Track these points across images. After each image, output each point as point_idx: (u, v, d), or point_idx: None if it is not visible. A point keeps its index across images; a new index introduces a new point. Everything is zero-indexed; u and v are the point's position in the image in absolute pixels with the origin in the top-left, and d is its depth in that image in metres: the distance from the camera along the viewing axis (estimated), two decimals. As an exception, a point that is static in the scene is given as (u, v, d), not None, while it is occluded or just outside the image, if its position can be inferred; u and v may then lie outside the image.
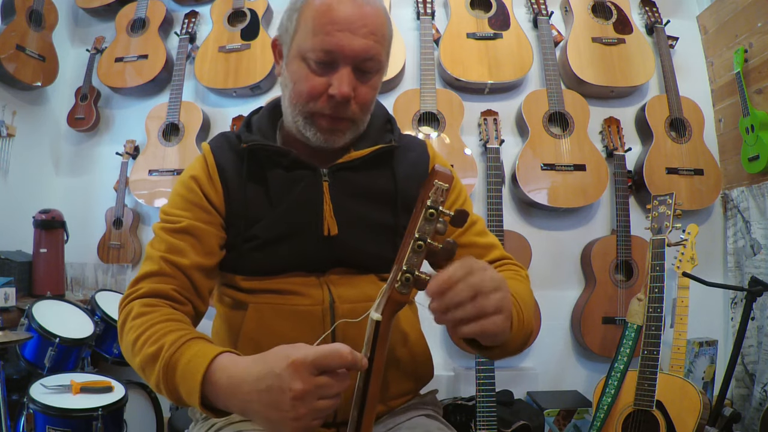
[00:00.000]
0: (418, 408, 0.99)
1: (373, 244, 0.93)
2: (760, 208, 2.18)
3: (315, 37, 0.84)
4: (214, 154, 0.95)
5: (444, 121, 2.32)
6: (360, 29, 0.83)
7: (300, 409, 0.62)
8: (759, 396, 2.05)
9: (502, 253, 1.00)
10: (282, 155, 0.93)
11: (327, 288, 0.91)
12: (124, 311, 0.84)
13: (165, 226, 0.91)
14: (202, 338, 0.76)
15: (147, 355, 0.75)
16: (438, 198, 0.61)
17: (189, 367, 0.70)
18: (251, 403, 0.65)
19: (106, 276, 2.52)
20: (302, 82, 0.87)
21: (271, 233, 0.91)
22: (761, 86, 2.16)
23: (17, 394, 1.71)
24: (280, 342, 0.86)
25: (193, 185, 0.93)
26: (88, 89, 2.67)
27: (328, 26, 0.83)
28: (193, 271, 0.88)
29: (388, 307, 0.64)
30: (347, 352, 0.62)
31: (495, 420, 1.90)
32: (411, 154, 1.01)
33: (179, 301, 0.86)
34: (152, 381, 0.75)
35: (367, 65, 0.86)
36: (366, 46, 0.84)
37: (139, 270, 0.89)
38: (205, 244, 0.90)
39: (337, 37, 0.83)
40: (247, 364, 0.68)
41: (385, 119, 1.02)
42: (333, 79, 0.85)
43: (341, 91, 0.84)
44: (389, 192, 0.96)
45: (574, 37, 2.41)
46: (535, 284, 2.31)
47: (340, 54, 0.84)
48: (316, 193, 0.92)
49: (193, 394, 0.69)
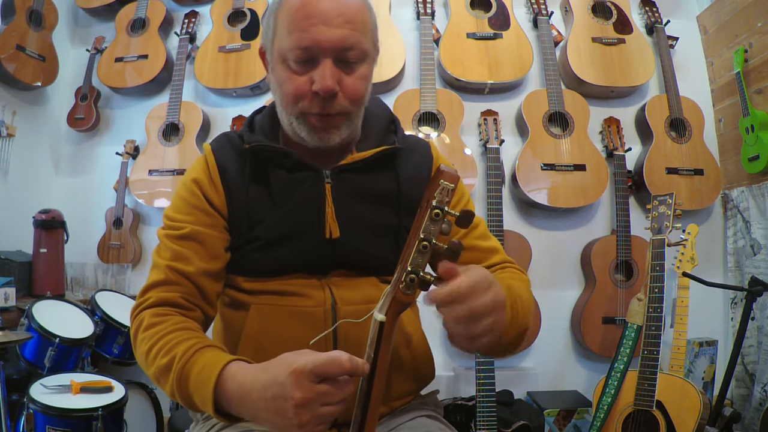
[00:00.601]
0: (419, 408, 0.99)
1: (375, 247, 0.93)
2: (760, 208, 2.18)
3: (291, 35, 0.83)
4: (216, 155, 0.94)
5: (444, 121, 2.32)
6: (335, 19, 0.81)
7: (303, 416, 0.63)
8: (759, 396, 2.05)
9: (503, 257, 1.00)
10: (285, 156, 0.92)
11: (329, 289, 0.91)
12: (135, 321, 0.85)
13: (169, 233, 0.91)
14: (211, 346, 0.78)
15: (160, 367, 0.77)
16: (444, 198, 0.61)
17: (201, 376, 0.72)
18: (259, 411, 0.67)
19: (106, 276, 2.52)
20: (286, 84, 0.86)
21: (273, 234, 0.90)
22: (761, 86, 2.16)
23: (17, 394, 1.71)
24: (282, 343, 0.85)
25: (195, 188, 0.92)
26: (88, 89, 2.67)
27: (302, 22, 0.82)
28: (198, 278, 0.88)
29: (392, 307, 0.64)
30: (346, 359, 0.62)
31: (495, 420, 1.90)
32: (415, 156, 1.00)
33: (188, 308, 0.87)
34: (167, 390, 0.77)
35: (348, 55, 0.84)
36: (342, 36, 0.82)
37: (147, 279, 0.90)
38: (210, 249, 0.90)
39: (312, 31, 0.81)
40: (254, 372, 0.69)
41: (388, 120, 1.01)
42: (315, 74, 0.83)
43: (324, 85, 0.82)
44: (392, 194, 0.95)
45: (574, 37, 2.41)
46: (535, 284, 2.31)
47: (318, 48, 0.82)
48: (319, 195, 0.91)
49: (206, 402, 0.71)
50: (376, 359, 0.64)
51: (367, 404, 0.65)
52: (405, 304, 0.64)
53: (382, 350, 0.64)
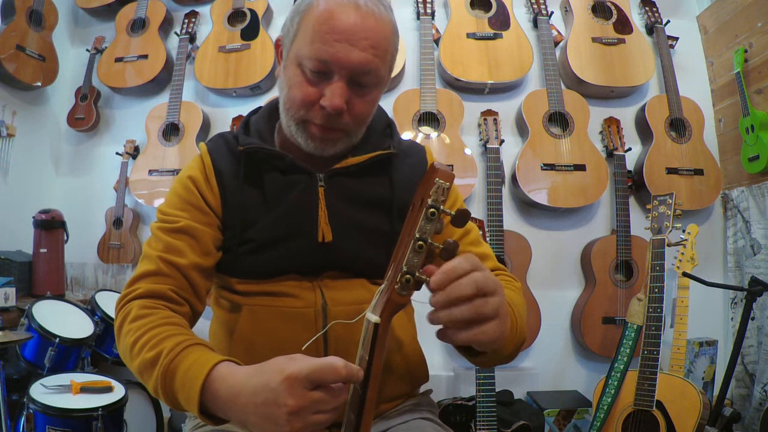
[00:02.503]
0: (413, 411, 0.99)
1: (367, 251, 0.92)
2: (760, 208, 2.18)
3: (313, 44, 0.82)
4: (212, 156, 0.94)
5: (444, 121, 2.32)
6: (360, 41, 0.80)
7: (295, 423, 0.61)
8: (759, 396, 2.05)
9: (495, 264, 0.99)
10: (279, 158, 0.92)
11: (320, 291, 0.91)
12: (121, 312, 0.83)
13: (162, 225, 0.91)
14: (200, 344, 0.75)
15: (145, 360, 0.74)
16: (439, 197, 0.59)
17: (188, 374, 0.70)
18: (249, 415, 0.65)
19: (106, 276, 2.52)
20: (296, 88, 0.85)
21: (266, 236, 0.91)
22: (761, 86, 2.15)
23: (17, 394, 1.71)
24: (272, 343, 0.87)
25: (191, 185, 0.93)
26: (88, 89, 2.67)
27: (327, 35, 0.80)
28: (190, 271, 0.88)
29: (387, 308, 0.63)
30: (342, 366, 0.61)
31: (495, 420, 1.90)
32: (409, 160, 0.99)
33: (177, 302, 0.86)
34: (150, 385, 0.75)
35: (364, 79, 0.84)
36: (364, 60, 0.81)
37: (136, 269, 0.88)
38: (203, 244, 0.90)
39: (335, 47, 0.80)
40: (244, 375, 0.67)
41: (385, 124, 1.00)
42: (326, 89, 0.83)
43: (332, 104, 0.82)
44: (386, 199, 0.95)
45: (574, 37, 2.41)
46: (535, 284, 2.33)
47: (336, 65, 0.81)
48: (312, 198, 0.91)
49: (191, 401, 0.69)
50: (370, 361, 0.62)
51: (362, 407, 0.63)
52: (400, 305, 0.63)
53: (376, 352, 0.62)
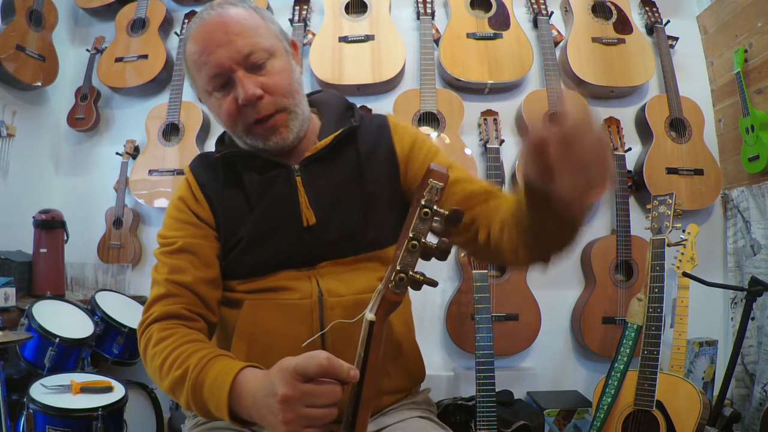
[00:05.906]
0: (411, 409, 1.00)
1: (349, 224, 0.96)
2: (760, 208, 2.18)
3: (200, 72, 0.90)
4: (194, 173, 1.00)
5: (444, 121, 2.32)
6: (224, 39, 0.87)
7: (287, 413, 0.64)
8: (759, 396, 2.05)
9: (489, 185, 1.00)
10: (254, 158, 0.96)
11: (315, 281, 0.94)
12: (143, 337, 0.88)
13: (163, 249, 0.96)
14: (222, 355, 0.81)
15: (174, 378, 0.80)
16: (433, 197, 0.62)
17: (215, 384, 0.75)
18: (261, 410, 0.69)
19: (106, 276, 2.52)
20: (219, 110, 0.92)
21: (253, 233, 0.94)
22: (761, 86, 2.15)
23: (17, 394, 1.71)
24: (271, 336, 0.91)
25: (181, 205, 0.98)
26: (88, 89, 2.67)
27: (203, 57, 0.88)
28: (196, 286, 0.92)
29: (382, 307, 0.65)
30: (324, 357, 0.63)
31: (495, 420, 1.90)
32: (372, 129, 1.03)
33: (191, 319, 0.90)
34: (182, 400, 0.81)
35: (253, 59, 0.89)
36: (237, 47, 0.87)
37: (150, 295, 0.93)
38: (203, 257, 0.94)
39: (213, 58, 0.87)
40: (261, 377, 0.72)
41: (344, 106, 1.05)
42: (237, 91, 0.88)
43: (246, 95, 0.87)
44: (355, 168, 0.98)
45: (574, 37, 2.41)
46: (535, 284, 2.32)
47: (223, 68, 0.88)
48: (290, 188, 0.95)
49: (221, 409, 0.73)
50: (366, 358, 0.64)
51: (358, 404, 0.65)
52: (395, 303, 0.65)
53: (372, 349, 0.64)
